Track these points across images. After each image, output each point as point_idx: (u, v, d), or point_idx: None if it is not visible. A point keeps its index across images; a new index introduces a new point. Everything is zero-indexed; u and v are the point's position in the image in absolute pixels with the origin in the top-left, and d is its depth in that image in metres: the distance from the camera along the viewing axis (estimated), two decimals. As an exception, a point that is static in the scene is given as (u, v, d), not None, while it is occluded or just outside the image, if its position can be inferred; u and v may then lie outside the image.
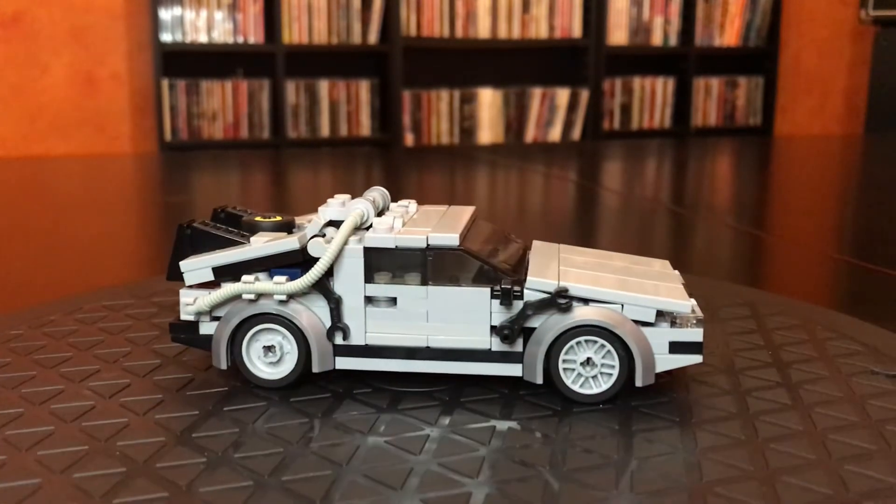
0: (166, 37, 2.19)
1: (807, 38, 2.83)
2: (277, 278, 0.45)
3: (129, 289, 0.66)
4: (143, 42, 2.23)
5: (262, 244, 0.46)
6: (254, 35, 2.27)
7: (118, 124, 2.25)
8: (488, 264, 0.44)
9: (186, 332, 0.47)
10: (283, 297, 0.45)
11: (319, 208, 0.47)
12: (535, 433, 0.40)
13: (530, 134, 2.57)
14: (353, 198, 0.48)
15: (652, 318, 0.43)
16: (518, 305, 0.43)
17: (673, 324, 0.43)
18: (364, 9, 2.34)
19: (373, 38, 2.36)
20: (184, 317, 0.47)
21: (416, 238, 0.44)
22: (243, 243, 0.47)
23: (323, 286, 0.45)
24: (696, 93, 2.68)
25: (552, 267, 0.46)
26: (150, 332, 0.55)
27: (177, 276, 0.48)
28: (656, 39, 2.63)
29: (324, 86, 2.35)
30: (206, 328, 0.47)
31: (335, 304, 0.45)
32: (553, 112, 2.56)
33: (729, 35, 2.70)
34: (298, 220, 0.50)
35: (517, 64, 2.59)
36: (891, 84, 2.51)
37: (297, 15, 2.28)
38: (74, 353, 0.51)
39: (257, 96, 2.30)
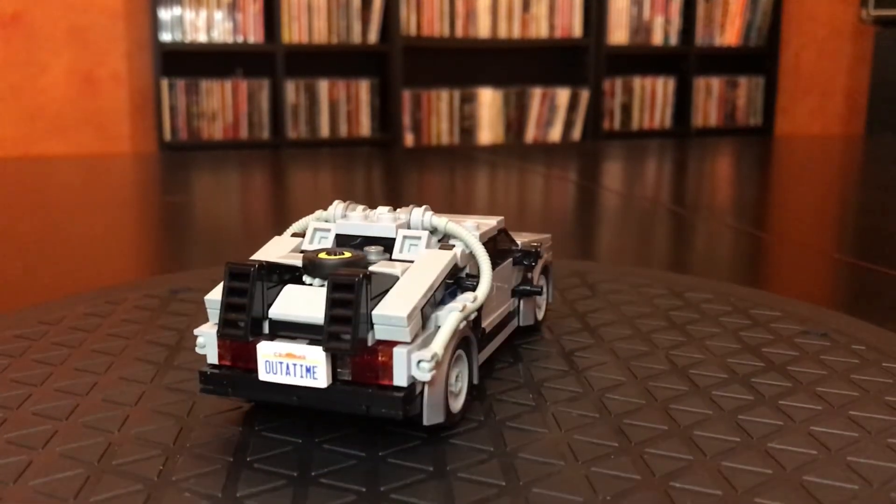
0: (166, 36, 2.18)
1: (807, 37, 2.83)
2: (465, 296, 0.42)
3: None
4: (143, 42, 2.23)
5: (433, 273, 0.40)
6: (253, 35, 2.26)
7: (118, 124, 2.25)
8: None
9: (409, 401, 0.37)
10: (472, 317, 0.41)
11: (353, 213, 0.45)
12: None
13: (530, 134, 2.57)
14: (345, 201, 0.46)
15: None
16: None
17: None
18: (364, 8, 2.33)
19: (373, 37, 2.35)
20: (401, 382, 0.37)
21: None
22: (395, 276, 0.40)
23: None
24: (696, 93, 2.68)
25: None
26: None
27: (363, 345, 0.37)
28: (657, 39, 2.62)
29: (323, 85, 2.35)
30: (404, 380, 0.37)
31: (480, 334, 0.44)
32: (553, 112, 2.56)
33: (729, 35, 2.69)
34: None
35: (517, 64, 2.58)
36: (891, 84, 2.50)
37: (297, 14, 2.27)
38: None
39: (257, 96, 2.30)
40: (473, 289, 0.42)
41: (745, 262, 0.81)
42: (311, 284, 0.40)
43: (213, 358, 0.39)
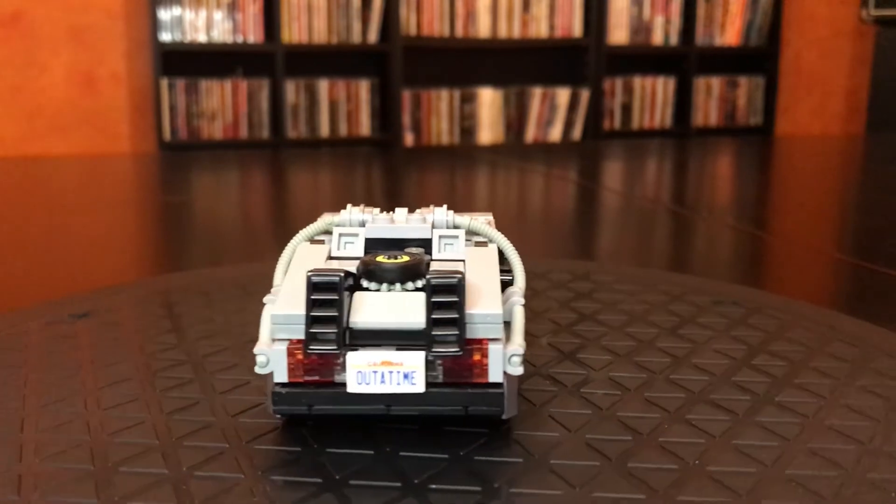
0: (165, 36, 2.18)
1: (808, 37, 2.83)
2: (513, 289, 0.42)
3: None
4: (142, 41, 2.23)
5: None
6: (253, 34, 2.26)
7: (117, 124, 2.25)
8: None
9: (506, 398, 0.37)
10: None
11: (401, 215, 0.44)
12: None
13: (530, 134, 2.57)
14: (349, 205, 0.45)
15: None
16: None
17: None
18: (364, 8, 2.33)
19: (373, 37, 2.35)
20: (497, 378, 0.36)
21: None
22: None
23: None
24: (696, 92, 2.67)
25: None
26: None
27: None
28: (657, 39, 2.62)
29: (323, 85, 2.34)
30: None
31: None
32: (553, 112, 2.56)
33: (730, 34, 2.69)
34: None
35: (517, 63, 2.58)
36: (892, 83, 2.50)
37: (297, 14, 2.27)
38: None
39: (257, 96, 2.29)
40: (508, 283, 0.43)
41: (746, 261, 0.81)
42: (372, 290, 0.38)
43: (281, 376, 0.37)
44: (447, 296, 0.36)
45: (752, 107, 2.77)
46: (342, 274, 0.36)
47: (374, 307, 0.37)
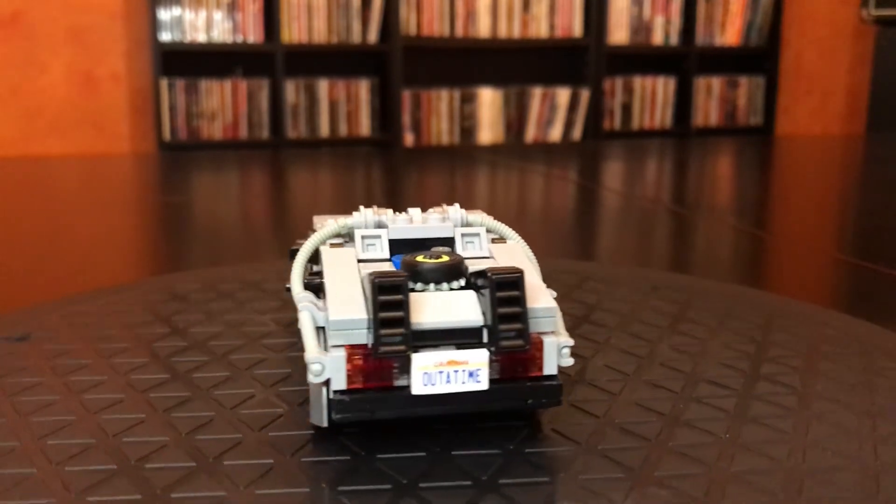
0: (165, 36, 2.18)
1: (808, 37, 2.82)
2: None
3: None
4: (142, 41, 2.23)
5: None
6: (253, 34, 2.26)
7: (117, 124, 2.25)
8: None
9: None
10: None
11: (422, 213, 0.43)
12: None
13: (531, 134, 2.56)
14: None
15: None
16: None
17: None
18: (364, 8, 2.33)
19: (372, 37, 2.35)
20: (552, 371, 0.38)
21: None
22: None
23: None
24: (696, 92, 2.67)
25: None
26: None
27: None
28: (657, 39, 2.62)
29: (323, 85, 2.34)
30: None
31: None
32: (553, 112, 2.56)
33: (730, 34, 2.69)
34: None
35: (517, 63, 2.58)
36: (892, 83, 2.50)
37: (297, 14, 2.27)
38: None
39: (256, 96, 2.29)
40: None
41: (746, 261, 0.80)
42: (418, 290, 0.38)
43: (339, 383, 0.36)
44: (511, 291, 0.36)
45: (752, 107, 2.76)
46: (407, 275, 0.36)
47: (430, 308, 0.37)
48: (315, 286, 0.41)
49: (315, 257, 0.47)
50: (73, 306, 0.60)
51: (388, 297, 0.35)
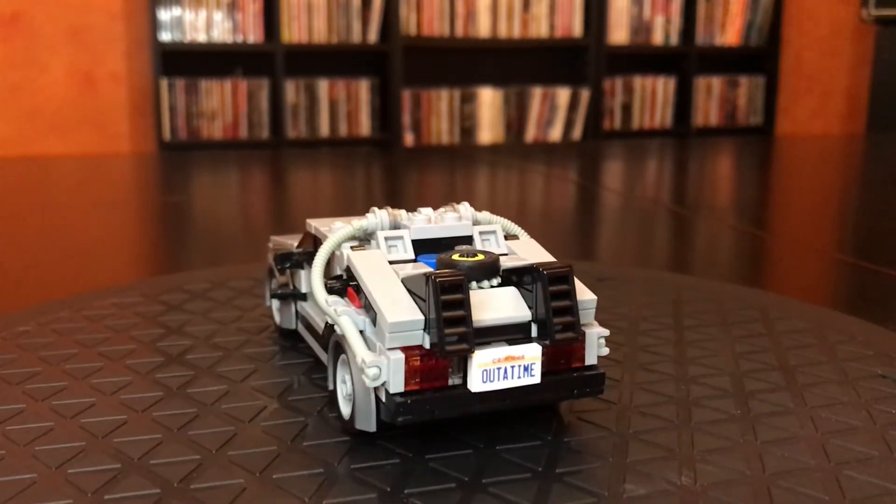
0: (165, 36, 2.18)
1: (808, 37, 2.82)
2: None
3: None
4: (142, 41, 2.23)
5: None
6: (253, 34, 2.26)
7: (117, 124, 2.25)
8: None
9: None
10: None
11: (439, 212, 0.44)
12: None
13: (531, 134, 2.57)
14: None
15: None
16: None
17: None
18: (364, 7, 2.33)
19: (372, 37, 2.35)
20: (593, 361, 0.40)
21: None
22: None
23: None
24: (696, 92, 2.67)
25: None
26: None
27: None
28: (657, 38, 2.62)
29: (323, 85, 2.34)
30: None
31: None
32: (553, 112, 2.56)
33: (730, 34, 2.69)
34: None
35: (517, 63, 2.58)
36: (892, 83, 2.50)
37: (297, 14, 2.27)
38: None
39: (256, 96, 2.29)
40: None
41: (746, 262, 0.81)
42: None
43: (398, 386, 0.36)
44: (563, 285, 0.37)
45: (752, 107, 2.76)
46: (464, 274, 0.37)
47: (480, 306, 0.38)
48: (337, 290, 0.41)
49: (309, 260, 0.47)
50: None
51: (449, 296, 0.36)
